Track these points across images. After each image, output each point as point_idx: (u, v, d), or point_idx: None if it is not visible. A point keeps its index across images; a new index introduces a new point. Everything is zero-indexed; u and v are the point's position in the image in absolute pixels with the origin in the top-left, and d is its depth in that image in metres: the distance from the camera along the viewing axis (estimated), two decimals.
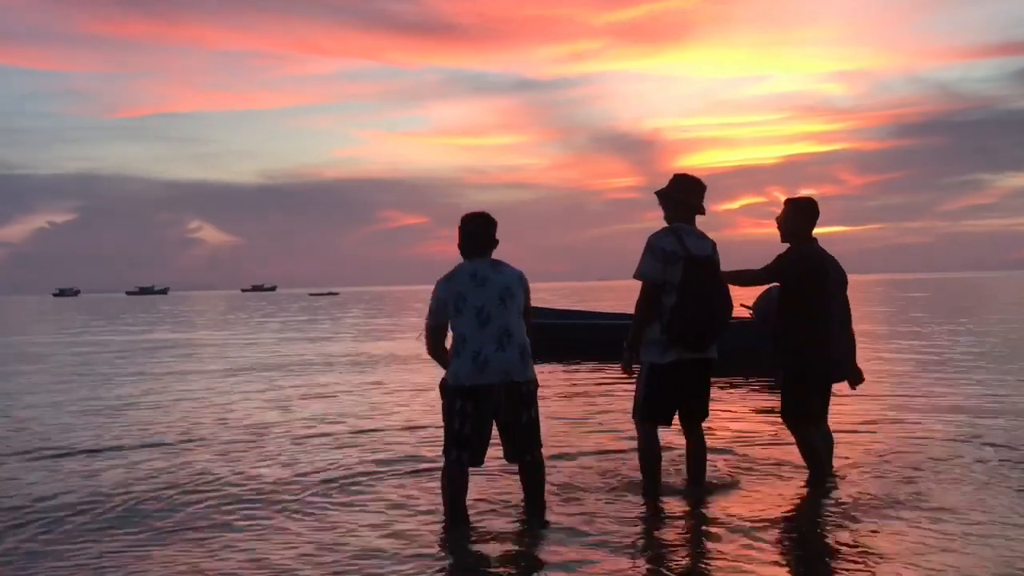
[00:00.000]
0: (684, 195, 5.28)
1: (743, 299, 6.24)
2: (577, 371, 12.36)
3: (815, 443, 5.49)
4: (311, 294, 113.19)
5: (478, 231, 4.89)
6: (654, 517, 4.91)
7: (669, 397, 5.16)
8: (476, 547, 4.47)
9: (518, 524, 4.82)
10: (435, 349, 4.91)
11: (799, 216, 5.53)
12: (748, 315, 6.63)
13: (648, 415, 5.19)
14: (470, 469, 4.81)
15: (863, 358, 6.02)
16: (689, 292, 5.02)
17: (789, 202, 5.58)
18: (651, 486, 5.28)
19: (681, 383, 5.15)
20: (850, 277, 5.61)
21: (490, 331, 4.68)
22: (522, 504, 5.01)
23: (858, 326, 5.78)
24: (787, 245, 5.55)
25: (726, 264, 5.39)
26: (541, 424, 4.92)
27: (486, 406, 4.69)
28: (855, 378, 5.58)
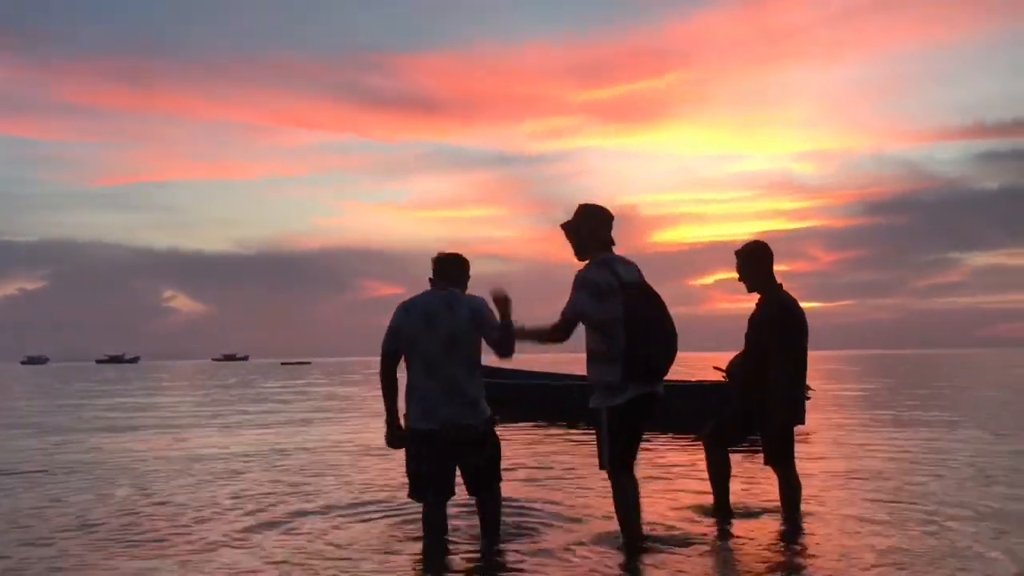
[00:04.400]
0: (591, 224, 4.92)
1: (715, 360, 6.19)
2: (536, 428, 11.97)
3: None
4: (283, 363, 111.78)
5: (444, 268, 5.01)
6: (633, 571, 4.57)
7: (632, 437, 4.85)
8: None
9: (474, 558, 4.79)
10: (384, 372, 4.87)
11: (752, 263, 5.54)
12: (722, 376, 6.44)
13: (615, 460, 4.80)
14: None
15: None
16: (636, 325, 4.64)
17: (739, 254, 5.61)
18: (631, 537, 4.88)
19: (636, 421, 4.82)
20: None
21: (437, 381, 4.75)
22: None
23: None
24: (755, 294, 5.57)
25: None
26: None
27: (441, 447, 4.76)
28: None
